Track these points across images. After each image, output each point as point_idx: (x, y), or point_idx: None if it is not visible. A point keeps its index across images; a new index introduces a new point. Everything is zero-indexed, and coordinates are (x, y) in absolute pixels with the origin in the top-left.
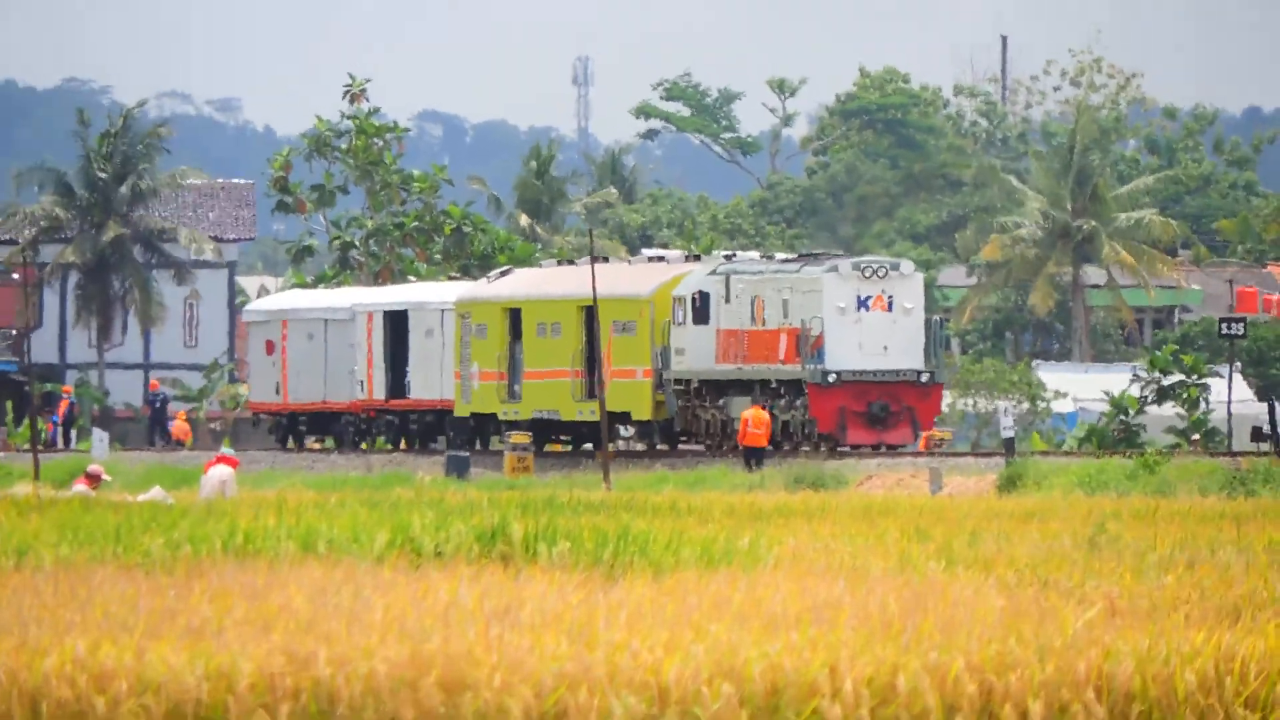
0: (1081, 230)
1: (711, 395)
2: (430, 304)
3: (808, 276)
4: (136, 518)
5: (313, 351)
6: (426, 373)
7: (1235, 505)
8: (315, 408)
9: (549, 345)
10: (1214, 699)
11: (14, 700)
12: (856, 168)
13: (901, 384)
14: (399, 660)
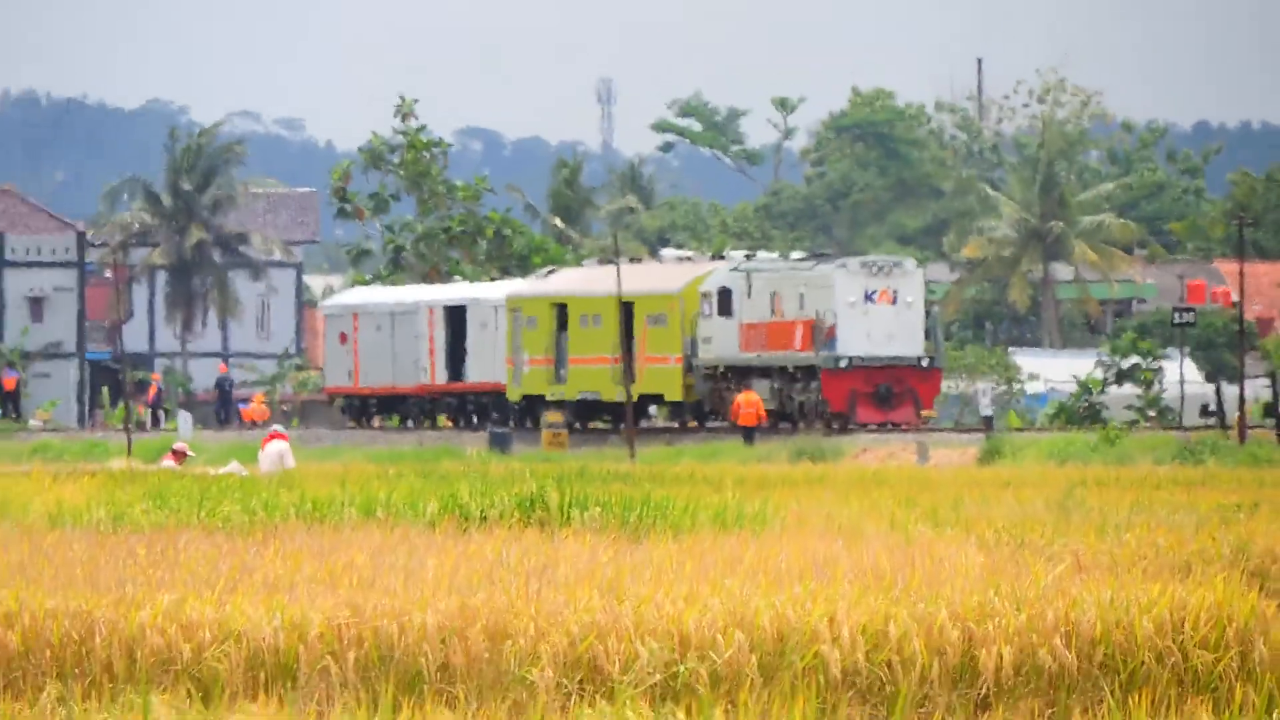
0: (1050, 232)
1: (735, 379)
2: (485, 300)
3: (820, 273)
4: (217, 488)
5: (381, 341)
6: (482, 360)
7: (1186, 473)
8: (384, 391)
9: (591, 335)
10: (1169, 643)
11: (114, 647)
12: (850, 177)
13: (905, 368)
14: (449, 612)
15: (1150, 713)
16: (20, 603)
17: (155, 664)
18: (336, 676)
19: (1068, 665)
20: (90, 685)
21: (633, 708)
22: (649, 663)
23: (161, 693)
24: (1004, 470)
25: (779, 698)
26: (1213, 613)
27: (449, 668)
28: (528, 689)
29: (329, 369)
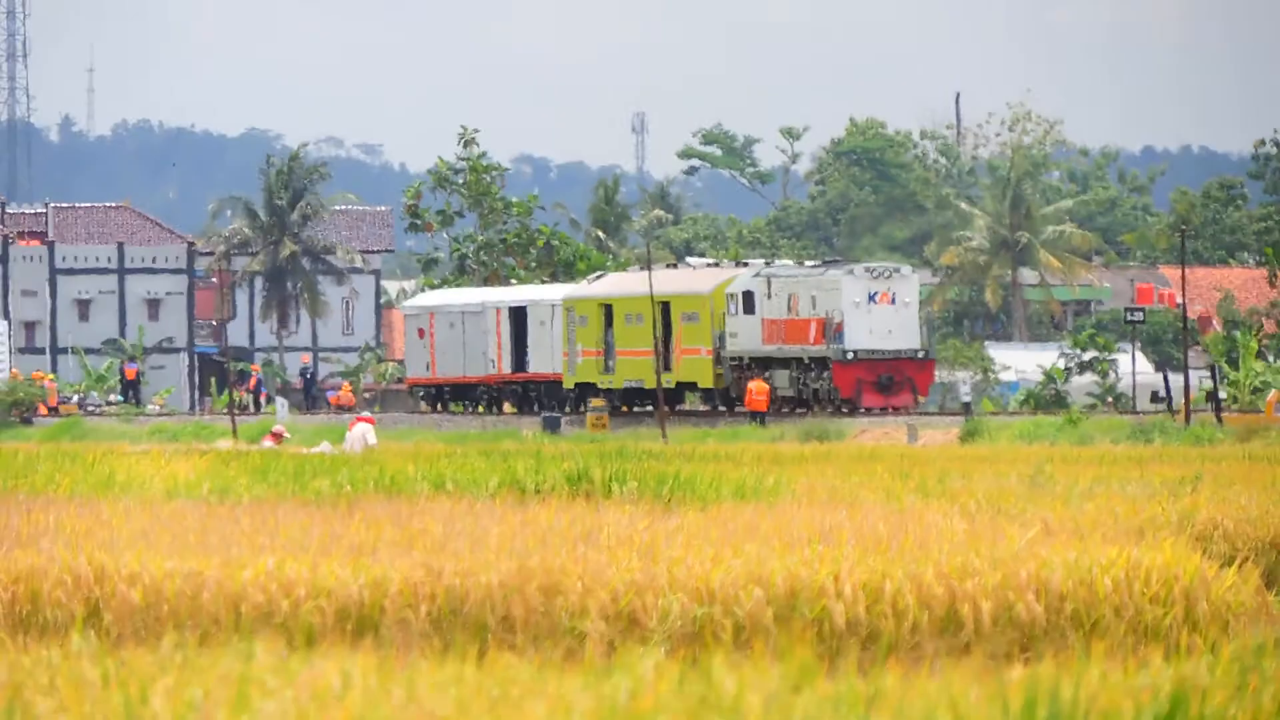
0: (1018, 242)
1: (758, 369)
2: (544, 301)
3: (830, 277)
4: (309, 465)
5: (454, 337)
6: (541, 353)
7: (1138, 451)
8: (457, 380)
9: (634, 331)
10: (1125, 598)
11: (221, 603)
12: (847, 194)
13: (903, 360)
14: (508, 572)
15: (1109, 658)
16: (142, 564)
17: (257, 616)
18: (413, 627)
19: (1037, 617)
20: (201, 635)
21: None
22: (679, 615)
23: (263, 641)
24: (982, 449)
25: (789, 644)
26: (1162, 572)
27: (509, 619)
28: (577, 637)
29: (409, 361)
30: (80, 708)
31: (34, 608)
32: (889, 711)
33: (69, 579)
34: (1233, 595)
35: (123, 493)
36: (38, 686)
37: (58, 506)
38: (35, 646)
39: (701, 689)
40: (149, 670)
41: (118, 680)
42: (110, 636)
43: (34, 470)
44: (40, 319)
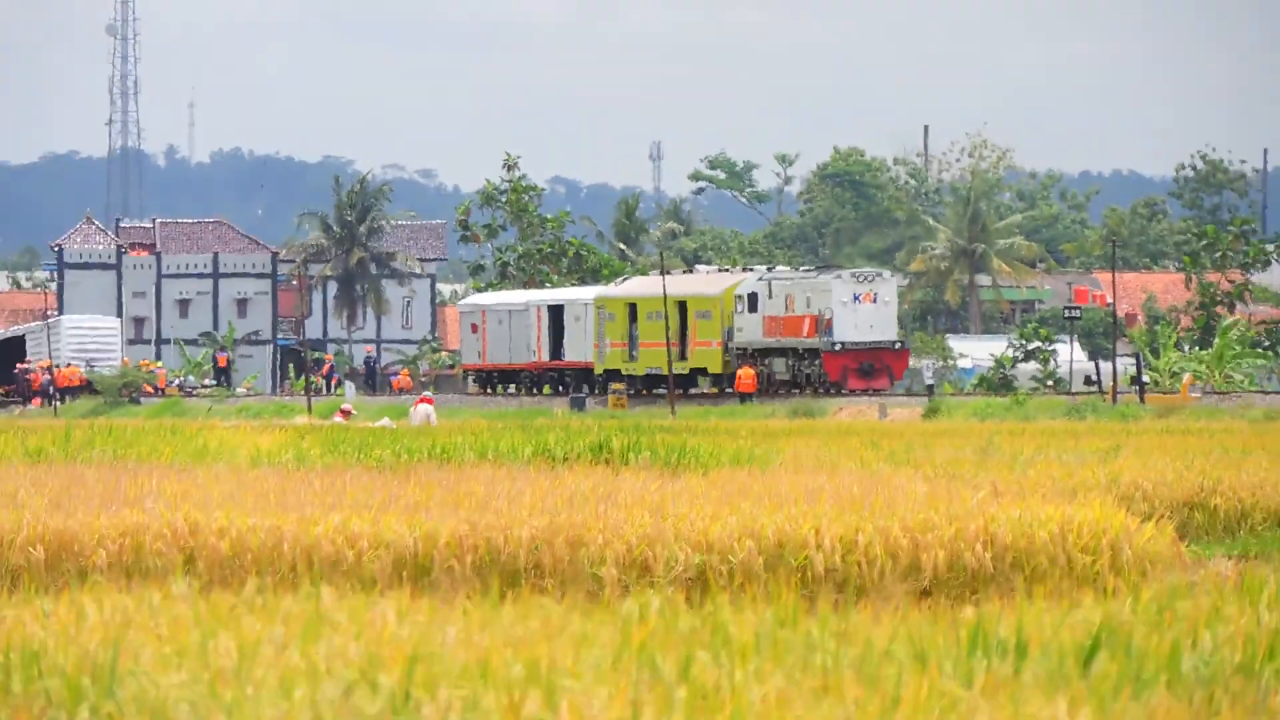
0: (975, 251)
1: (759, 358)
2: (578, 300)
3: (822, 281)
4: (373, 437)
5: (502, 331)
6: (575, 344)
7: (1073, 425)
8: (504, 367)
9: (655, 326)
10: (1060, 548)
11: (296, 553)
12: (831, 211)
13: (882, 350)
14: (540, 527)
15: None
16: (229, 520)
17: (327, 565)
18: (459, 574)
19: (985, 564)
20: (279, 580)
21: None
22: (684, 563)
23: (331, 586)
24: (941, 424)
25: (777, 588)
26: (1092, 526)
27: (540, 566)
28: (597, 581)
29: (464, 351)
30: (176, 641)
31: (138, 557)
32: (859, 643)
33: (168, 533)
34: (1151, 546)
35: (214, 461)
36: (141, 623)
37: (159, 472)
38: (139, 590)
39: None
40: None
41: (207, 618)
42: (202, 581)
43: (140, 442)
44: (147, 316)
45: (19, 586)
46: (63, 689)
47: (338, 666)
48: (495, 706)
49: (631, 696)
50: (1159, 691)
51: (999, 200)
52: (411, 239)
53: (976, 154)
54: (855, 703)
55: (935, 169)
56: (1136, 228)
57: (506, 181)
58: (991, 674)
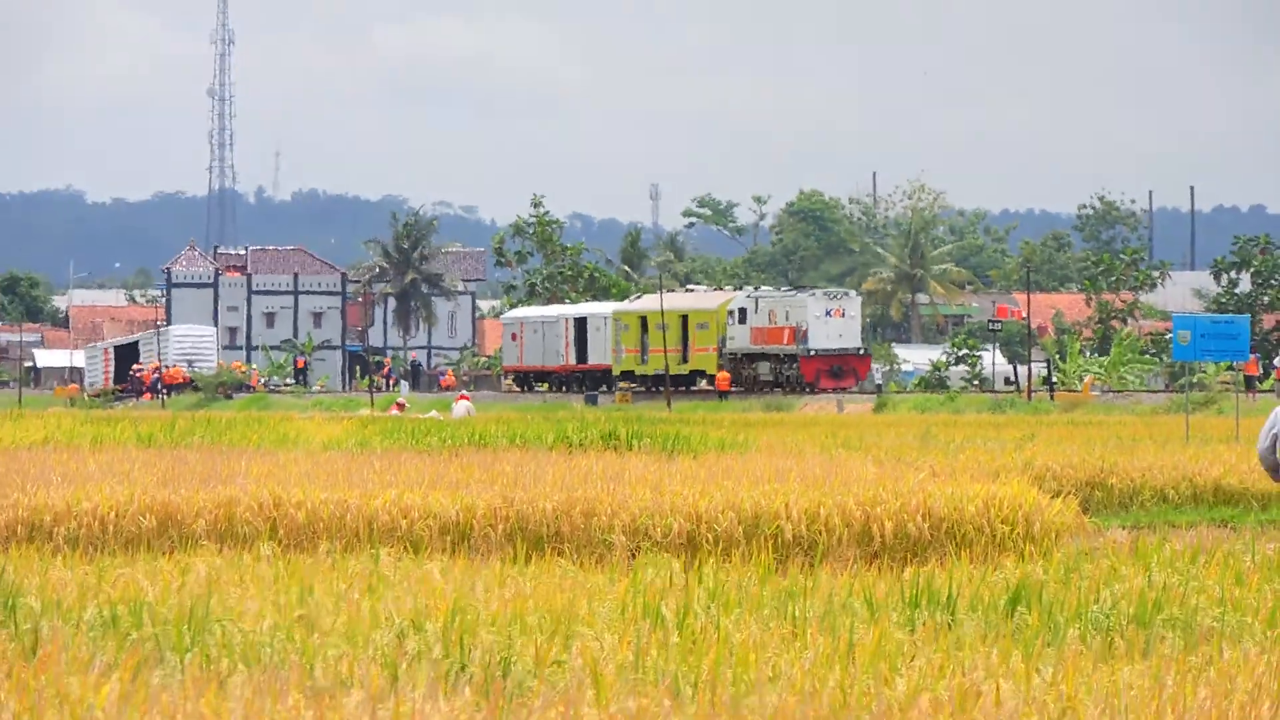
0: (915, 275)
1: (748, 362)
2: (598, 314)
3: (799, 299)
4: (423, 427)
5: (536, 339)
6: (596, 350)
7: (996, 419)
8: (538, 369)
9: (663, 335)
10: (984, 519)
11: (360, 522)
12: (798, 242)
13: (849, 355)
14: (560, 500)
15: (973, 561)
16: (305, 495)
17: (384, 532)
18: (493, 540)
19: (924, 533)
20: (345, 544)
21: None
22: (677, 531)
23: (388, 549)
24: (888, 416)
25: (754, 552)
26: (1010, 501)
27: (560, 534)
28: (607, 547)
29: (505, 356)
30: (261, 594)
31: (230, 525)
32: (821, 597)
33: (255, 505)
34: (1059, 518)
35: (293, 446)
36: (232, 580)
37: (248, 455)
38: (230, 552)
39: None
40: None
41: (287, 576)
42: (282, 545)
43: (233, 430)
44: (239, 326)
45: (132, 550)
46: (166, 634)
47: (393, 615)
48: (523, 649)
49: (635, 641)
50: (1070, 638)
51: (934, 234)
52: (456, 263)
53: (916, 195)
54: (819, 646)
55: (882, 207)
56: (1046, 256)
57: (534, 216)
58: (931, 623)
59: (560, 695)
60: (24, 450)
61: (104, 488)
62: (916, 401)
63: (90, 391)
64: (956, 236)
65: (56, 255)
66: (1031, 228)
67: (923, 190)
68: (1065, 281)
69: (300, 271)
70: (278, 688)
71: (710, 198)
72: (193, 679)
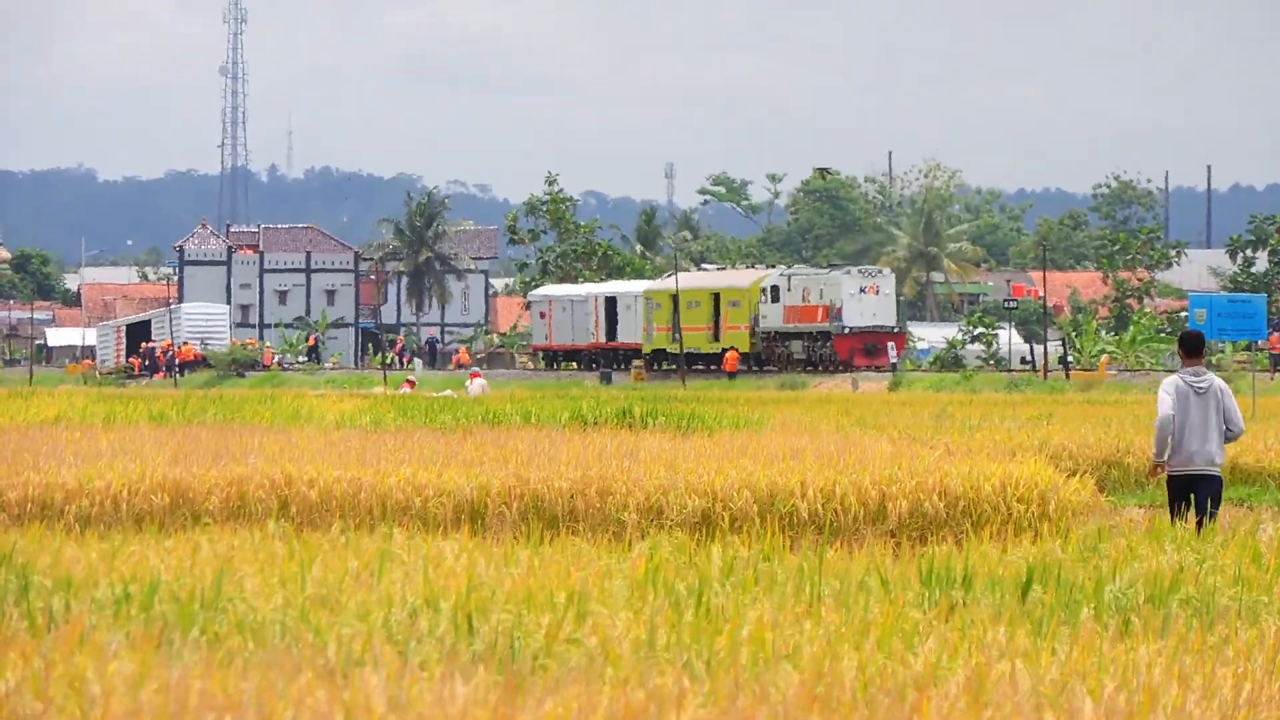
0: (930, 253)
1: (780, 341)
2: (629, 292)
3: (834, 276)
4: (436, 405)
5: (565, 317)
6: (626, 328)
7: (1012, 397)
8: (567, 347)
9: (695, 313)
10: (1001, 498)
11: (373, 500)
12: (813, 221)
13: (883, 333)
14: (574, 479)
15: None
16: (318, 472)
17: (398, 510)
18: (507, 518)
19: (940, 512)
20: (358, 523)
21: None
22: (693, 509)
23: (401, 528)
24: (903, 395)
25: (769, 531)
26: (1027, 480)
27: (574, 512)
28: (621, 525)
29: (533, 334)
30: (273, 573)
31: (242, 503)
32: (835, 576)
33: (267, 483)
34: (1075, 497)
35: (305, 423)
36: (243, 558)
37: (260, 432)
38: (242, 530)
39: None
40: (321, 547)
41: (299, 554)
42: (294, 524)
43: (245, 408)
44: (252, 304)
45: (143, 527)
46: (178, 612)
47: (406, 594)
48: (536, 627)
49: (648, 619)
50: (1085, 617)
51: (950, 212)
52: (469, 241)
53: (931, 174)
54: (832, 625)
55: (898, 186)
56: (1062, 235)
57: (547, 194)
58: (945, 602)
59: (575, 674)
60: (35, 428)
61: (116, 465)
62: (932, 380)
63: (102, 370)
64: (971, 215)
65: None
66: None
67: (938, 169)
68: (1081, 260)
69: (313, 250)
70: (290, 667)
71: (725, 176)
72: (204, 658)
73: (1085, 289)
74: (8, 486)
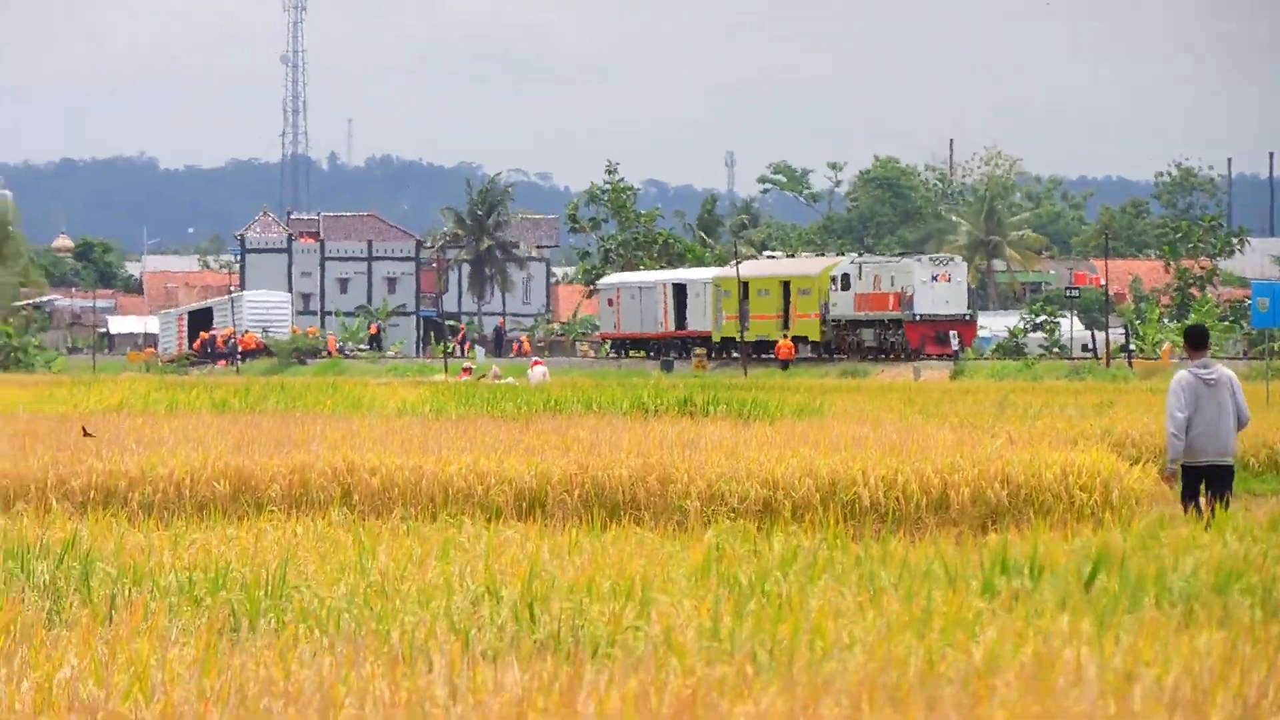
0: (991, 242)
1: (850, 329)
2: (698, 280)
3: (905, 264)
4: (498, 392)
5: (634, 305)
6: (695, 316)
7: (1074, 385)
8: (635, 335)
9: (763, 301)
10: (1062, 487)
11: (435, 488)
12: (873, 209)
13: (955, 321)
14: (635, 467)
15: (1053, 529)
16: (380, 460)
17: (460, 498)
18: (568, 506)
19: (1002, 500)
20: (420, 511)
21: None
22: (754, 497)
23: (464, 515)
24: (965, 383)
25: (831, 519)
26: (1089, 469)
27: (636, 500)
28: (683, 513)
29: (601, 322)
30: (336, 560)
31: (304, 491)
32: (898, 565)
33: (329, 470)
34: (1138, 485)
35: (367, 411)
36: (307, 546)
37: (322, 420)
38: (304, 518)
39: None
40: (383, 535)
41: (362, 541)
42: (357, 511)
43: (307, 396)
44: (313, 292)
45: (206, 515)
46: (242, 600)
47: (468, 582)
48: (599, 616)
49: (711, 607)
50: (1148, 606)
51: (1011, 200)
52: (530, 230)
53: (992, 162)
54: (895, 614)
55: (959, 174)
56: (1124, 223)
57: (608, 183)
58: (1009, 591)
59: (639, 662)
60: (99, 416)
61: (179, 453)
62: (994, 368)
63: (164, 357)
64: (1033, 203)
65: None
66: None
67: (999, 157)
68: (1143, 248)
69: (374, 238)
70: (354, 654)
71: (785, 164)
72: (268, 645)
73: (1147, 277)
74: (71, 474)
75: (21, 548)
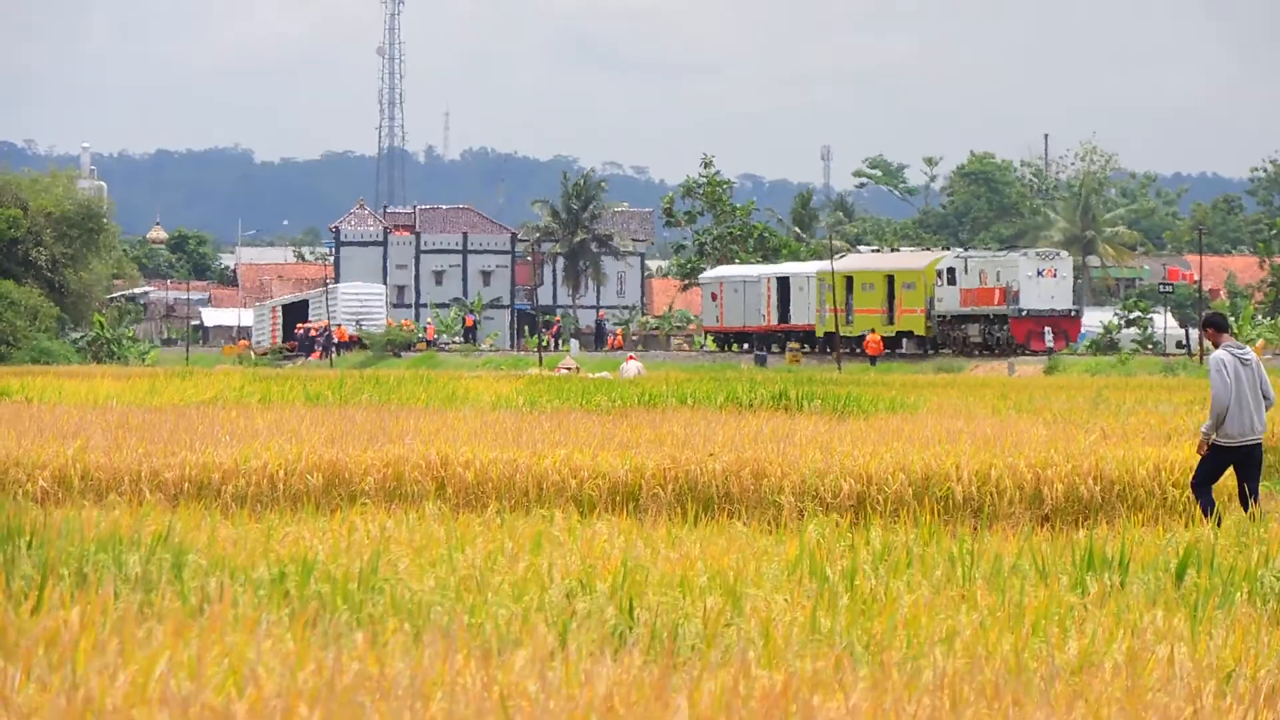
0: (1086, 237)
1: (956, 324)
2: (802, 273)
3: (1011, 259)
4: (592, 386)
5: (737, 298)
6: (799, 310)
7: (1168, 381)
8: (738, 330)
9: (868, 295)
10: (1155, 483)
11: (529, 482)
12: (969, 204)
13: (1060, 317)
14: (729, 460)
15: (1145, 525)
16: (474, 454)
17: (553, 492)
18: (662, 500)
19: (1095, 495)
20: (514, 504)
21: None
22: (847, 492)
23: (556, 509)
24: (1059, 379)
25: (925, 514)
26: (1183, 465)
27: (730, 494)
28: (777, 508)
29: (704, 315)
30: (429, 554)
31: (399, 484)
32: (991, 560)
33: (423, 464)
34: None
35: (462, 404)
36: (400, 539)
37: (417, 414)
38: (398, 511)
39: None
40: (477, 528)
41: (455, 535)
42: (450, 504)
43: (401, 389)
44: (408, 284)
45: (299, 508)
46: (333, 593)
47: (561, 575)
48: (692, 610)
49: (806, 602)
50: (1239, 602)
51: (1106, 196)
52: (625, 223)
53: (1088, 158)
54: (988, 609)
55: (1054, 170)
56: (1218, 219)
57: (704, 177)
58: (1101, 586)
59: (732, 656)
60: (192, 408)
61: (272, 446)
62: (1087, 364)
63: (258, 350)
64: (1128, 199)
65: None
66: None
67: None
68: (1237, 244)
69: (469, 231)
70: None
71: (881, 159)
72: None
73: (1242, 273)
74: (164, 466)
75: (114, 539)
